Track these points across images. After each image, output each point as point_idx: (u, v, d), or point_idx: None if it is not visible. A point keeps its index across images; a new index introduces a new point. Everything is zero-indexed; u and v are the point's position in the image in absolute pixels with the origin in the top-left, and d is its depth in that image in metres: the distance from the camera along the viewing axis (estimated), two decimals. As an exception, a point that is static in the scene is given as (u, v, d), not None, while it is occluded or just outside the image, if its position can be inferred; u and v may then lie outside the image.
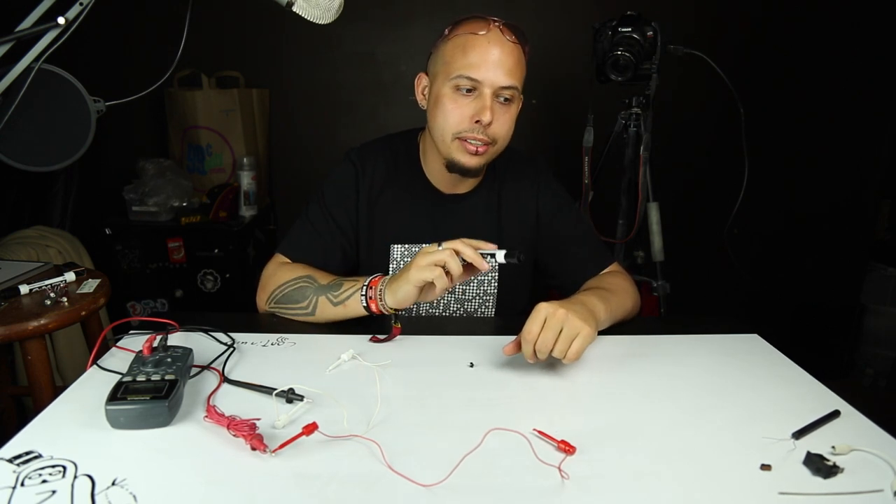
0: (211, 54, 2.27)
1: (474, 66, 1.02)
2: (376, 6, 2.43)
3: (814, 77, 2.51)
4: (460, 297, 1.22)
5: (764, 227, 2.65)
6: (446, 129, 1.08)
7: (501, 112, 1.06)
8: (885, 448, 0.72)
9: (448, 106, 1.06)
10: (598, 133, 1.86)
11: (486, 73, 1.02)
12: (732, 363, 0.96)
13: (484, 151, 1.08)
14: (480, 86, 1.03)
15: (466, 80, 1.03)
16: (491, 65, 1.02)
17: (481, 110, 1.03)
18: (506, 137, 1.10)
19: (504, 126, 1.08)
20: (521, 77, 1.08)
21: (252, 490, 0.63)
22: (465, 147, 1.07)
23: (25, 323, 1.20)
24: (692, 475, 0.67)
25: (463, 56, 1.03)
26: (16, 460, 0.66)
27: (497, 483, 0.65)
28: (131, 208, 2.26)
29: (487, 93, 1.03)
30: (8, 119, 0.89)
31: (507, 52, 1.03)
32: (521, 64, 1.07)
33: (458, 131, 1.07)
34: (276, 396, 0.80)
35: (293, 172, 2.67)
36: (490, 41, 1.03)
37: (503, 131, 1.08)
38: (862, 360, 2.74)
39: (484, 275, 1.20)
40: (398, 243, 1.19)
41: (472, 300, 1.22)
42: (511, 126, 1.09)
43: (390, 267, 1.20)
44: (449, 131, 1.07)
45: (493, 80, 1.03)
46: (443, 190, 1.19)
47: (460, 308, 1.22)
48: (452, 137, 1.08)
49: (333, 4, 1.01)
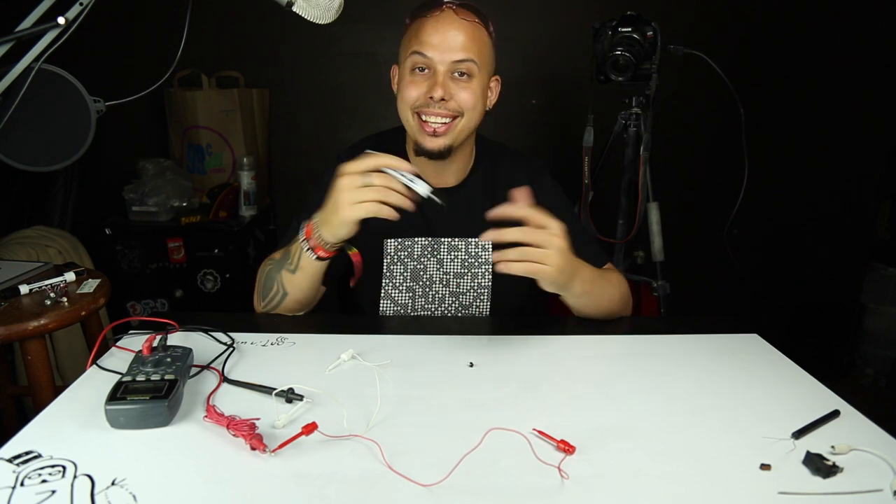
0: (211, 54, 2.27)
1: (424, 44, 1.06)
2: (376, 6, 2.42)
3: (814, 77, 2.51)
4: (455, 290, 1.22)
5: (764, 227, 2.65)
6: (404, 106, 1.11)
7: (460, 87, 1.08)
8: (885, 448, 0.72)
9: (406, 86, 1.10)
10: (598, 133, 1.86)
11: (436, 49, 1.06)
12: (732, 363, 0.96)
13: (445, 130, 1.09)
14: (433, 63, 1.07)
15: (419, 57, 1.07)
16: (441, 42, 1.06)
17: (433, 86, 1.06)
18: (471, 112, 1.10)
19: (467, 99, 1.08)
20: (480, 51, 1.08)
21: (252, 490, 0.63)
22: (423, 128, 1.09)
23: (25, 323, 1.20)
24: (692, 475, 0.67)
25: (415, 37, 1.08)
26: (15, 460, 0.66)
27: (497, 483, 0.65)
28: (131, 208, 2.26)
29: (440, 69, 1.06)
30: (8, 119, 0.89)
31: (458, 28, 1.06)
32: (477, 39, 1.08)
33: (414, 105, 1.09)
34: (276, 396, 0.80)
35: (293, 172, 2.67)
36: (440, 20, 1.06)
37: (468, 104, 1.09)
38: (862, 360, 2.74)
39: (477, 267, 1.21)
40: (391, 237, 1.20)
41: (467, 293, 1.22)
42: (476, 99, 1.09)
43: (384, 262, 1.20)
44: (406, 108, 1.10)
45: (444, 57, 1.06)
46: (432, 182, 1.19)
47: (455, 301, 1.22)
48: (412, 113, 1.10)
49: (333, 4, 1.01)
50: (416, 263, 1.21)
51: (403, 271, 1.21)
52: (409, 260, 1.21)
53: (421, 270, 1.21)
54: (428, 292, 1.22)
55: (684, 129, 2.50)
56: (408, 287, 1.21)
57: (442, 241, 1.21)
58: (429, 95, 1.06)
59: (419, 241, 1.21)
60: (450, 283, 1.22)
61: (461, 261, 1.21)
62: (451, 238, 1.21)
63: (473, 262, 1.21)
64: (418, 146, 1.12)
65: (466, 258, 1.21)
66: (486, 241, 1.20)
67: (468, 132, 1.13)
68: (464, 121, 1.10)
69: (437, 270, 1.21)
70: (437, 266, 1.21)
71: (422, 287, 1.21)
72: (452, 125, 1.09)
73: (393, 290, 1.22)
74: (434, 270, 1.21)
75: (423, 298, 1.22)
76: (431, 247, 1.21)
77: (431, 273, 1.21)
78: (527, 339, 1.03)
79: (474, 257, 1.21)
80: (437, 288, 1.22)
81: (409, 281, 1.21)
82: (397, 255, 1.20)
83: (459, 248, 1.21)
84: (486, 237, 0.91)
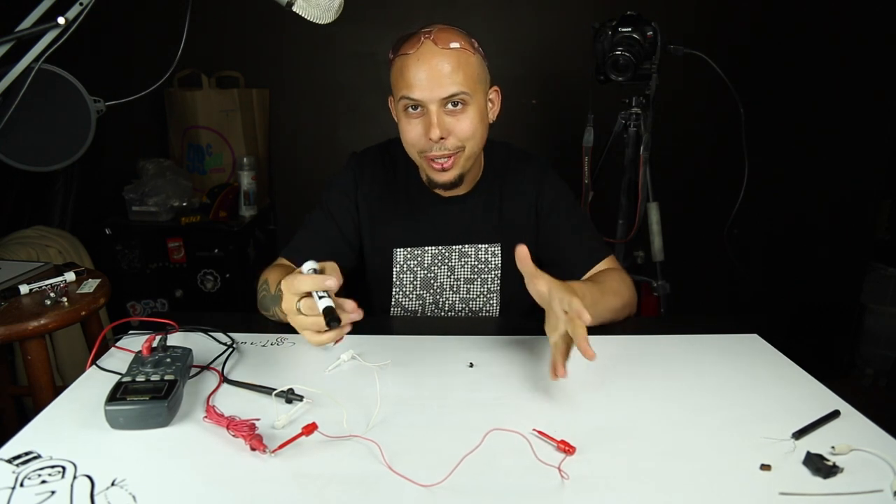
0: (211, 54, 2.27)
1: (411, 86, 1.03)
2: (376, 6, 2.42)
3: (814, 77, 2.51)
4: (465, 295, 1.22)
5: (764, 227, 2.65)
6: (410, 149, 1.10)
7: (457, 120, 1.05)
8: (885, 448, 0.72)
9: (404, 127, 1.09)
10: (598, 133, 1.86)
11: (423, 90, 1.03)
12: (732, 363, 0.96)
13: (451, 164, 1.08)
14: (424, 103, 1.04)
15: (409, 101, 1.05)
16: (427, 80, 1.02)
17: (428, 128, 1.04)
18: (474, 138, 1.08)
19: (465, 131, 1.06)
20: (469, 77, 1.05)
21: (252, 490, 0.63)
22: (431, 166, 1.08)
23: (25, 323, 1.20)
24: (692, 475, 0.67)
25: (401, 78, 1.05)
26: (15, 460, 0.66)
27: (497, 483, 0.65)
28: (131, 208, 2.26)
29: (432, 109, 1.04)
30: (8, 119, 0.89)
31: (441, 60, 1.02)
32: (463, 65, 1.04)
33: (420, 150, 1.08)
34: (276, 396, 0.80)
35: (293, 172, 2.67)
36: (420, 58, 1.03)
37: (466, 134, 1.06)
38: (862, 360, 2.74)
39: (487, 272, 1.21)
40: (400, 247, 1.20)
41: (477, 298, 1.22)
42: (475, 125, 1.07)
43: (394, 271, 1.20)
44: (413, 150, 1.10)
45: (433, 95, 1.03)
46: (441, 192, 1.19)
47: (465, 307, 1.23)
48: (419, 157, 1.10)
49: (333, 4, 1.01)
50: (426, 272, 1.21)
51: (413, 280, 1.21)
52: (420, 269, 1.21)
53: (431, 279, 1.21)
54: (438, 299, 1.22)
55: (684, 129, 2.50)
56: (417, 295, 1.22)
57: (453, 249, 1.21)
58: (427, 137, 1.04)
59: (429, 250, 1.21)
60: (460, 289, 1.22)
61: (471, 266, 1.21)
62: (461, 245, 1.21)
63: (483, 268, 1.21)
64: (430, 180, 1.12)
65: (476, 263, 1.21)
66: (494, 247, 1.21)
67: (475, 157, 1.12)
68: (467, 151, 1.08)
69: (448, 278, 1.21)
70: (447, 274, 1.21)
71: (432, 295, 1.22)
72: (457, 158, 1.08)
73: (403, 299, 1.22)
74: (445, 278, 1.21)
75: (433, 305, 1.22)
76: (441, 255, 1.21)
77: (442, 281, 1.21)
78: (526, 339, 1.02)
79: (484, 262, 1.21)
80: (447, 295, 1.22)
81: (419, 289, 1.21)
82: (407, 264, 1.21)
83: (469, 255, 1.21)
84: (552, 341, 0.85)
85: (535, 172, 1.23)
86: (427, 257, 1.21)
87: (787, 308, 2.75)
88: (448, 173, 1.09)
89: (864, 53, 2.48)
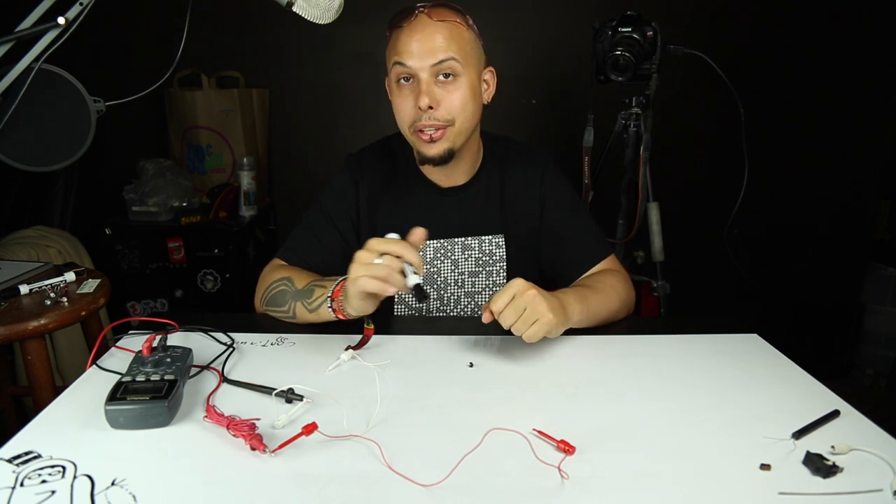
0: (211, 54, 2.27)
1: (402, 53, 1.04)
2: (376, 6, 2.42)
3: (813, 77, 2.51)
4: (470, 290, 1.21)
5: (764, 227, 2.65)
6: (402, 124, 1.10)
7: (447, 91, 1.05)
8: (885, 448, 0.72)
9: (397, 102, 1.09)
10: (598, 133, 1.86)
11: (414, 56, 1.03)
12: (732, 363, 0.96)
13: (440, 136, 1.07)
14: (415, 71, 1.04)
15: (400, 68, 1.05)
16: (418, 48, 1.03)
17: (418, 95, 1.04)
18: (463, 114, 1.07)
19: (455, 103, 1.06)
20: (461, 48, 1.05)
21: (252, 490, 0.63)
22: (421, 138, 1.08)
23: (25, 323, 1.20)
24: (692, 475, 0.67)
25: (394, 48, 1.06)
26: (15, 460, 0.66)
27: (497, 483, 0.65)
28: (131, 208, 2.26)
29: (423, 77, 1.04)
30: (8, 119, 0.89)
31: (434, 31, 1.03)
32: (455, 36, 1.05)
33: (411, 123, 1.07)
34: (276, 396, 0.80)
35: (293, 172, 2.67)
36: (414, 27, 1.04)
37: (456, 108, 1.06)
38: (862, 360, 2.74)
39: (492, 264, 1.20)
40: None
41: (482, 292, 1.22)
42: (465, 100, 1.06)
43: None
44: (405, 126, 1.09)
45: (423, 62, 1.03)
46: (440, 184, 1.19)
47: (471, 302, 1.22)
48: (411, 130, 1.09)
49: (333, 4, 1.01)
50: (428, 267, 1.20)
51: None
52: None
53: (435, 274, 1.20)
54: (443, 295, 1.21)
55: (684, 129, 2.50)
56: None
57: (455, 242, 1.20)
58: (417, 106, 1.04)
59: (430, 244, 1.19)
60: (464, 283, 1.21)
61: (475, 259, 1.20)
62: (463, 237, 1.20)
63: (487, 260, 1.20)
64: (420, 155, 1.11)
65: (480, 256, 1.20)
66: (498, 238, 1.20)
67: (466, 133, 1.11)
68: (457, 125, 1.07)
69: (452, 272, 1.21)
70: (451, 268, 1.20)
71: (436, 290, 1.21)
72: (446, 131, 1.07)
73: (407, 295, 1.21)
74: (448, 272, 1.20)
75: (437, 301, 1.22)
76: (444, 248, 1.20)
77: (445, 275, 1.21)
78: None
79: (488, 255, 1.20)
80: (451, 290, 1.21)
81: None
82: None
83: (473, 247, 1.20)
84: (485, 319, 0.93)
85: (537, 163, 1.22)
86: (429, 251, 1.19)
87: (787, 308, 2.75)
88: (436, 145, 1.07)
89: (864, 53, 2.48)
